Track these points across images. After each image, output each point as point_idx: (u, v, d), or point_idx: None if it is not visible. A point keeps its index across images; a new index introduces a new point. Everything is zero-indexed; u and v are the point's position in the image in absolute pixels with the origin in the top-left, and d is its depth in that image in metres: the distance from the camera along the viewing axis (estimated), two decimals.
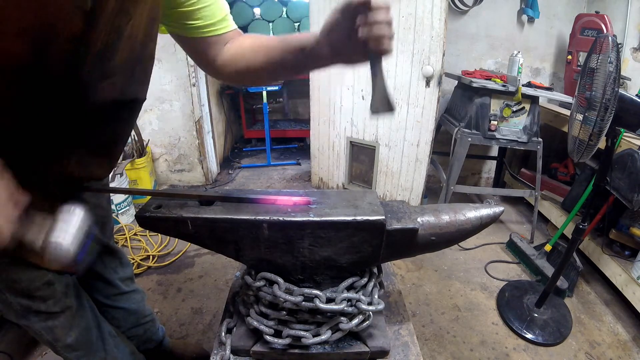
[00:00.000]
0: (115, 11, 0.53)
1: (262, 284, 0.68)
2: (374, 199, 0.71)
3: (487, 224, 0.76)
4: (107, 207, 1.02)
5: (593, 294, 1.92)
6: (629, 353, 1.57)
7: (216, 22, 0.73)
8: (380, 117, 0.68)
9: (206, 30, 0.73)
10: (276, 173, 3.48)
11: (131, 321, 1.15)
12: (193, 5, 0.69)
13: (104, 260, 1.03)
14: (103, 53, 0.56)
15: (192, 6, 0.69)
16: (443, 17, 2.01)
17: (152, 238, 2.23)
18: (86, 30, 0.51)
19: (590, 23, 2.46)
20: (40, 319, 0.79)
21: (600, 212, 1.88)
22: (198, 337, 1.57)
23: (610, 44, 1.22)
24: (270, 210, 0.65)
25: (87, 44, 0.53)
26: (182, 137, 2.85)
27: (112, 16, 0.54)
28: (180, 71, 2.60)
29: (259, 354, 0.73)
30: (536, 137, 2.16)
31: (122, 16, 0.55)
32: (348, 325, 0.69)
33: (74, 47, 0.52)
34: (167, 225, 0.66)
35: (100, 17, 0.52)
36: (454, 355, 1.53)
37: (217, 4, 0.72)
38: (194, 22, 0.71)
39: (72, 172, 0.68)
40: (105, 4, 0.51)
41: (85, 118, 0.63)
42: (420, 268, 2.08)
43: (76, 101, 0.60)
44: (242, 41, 0.77)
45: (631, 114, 1.26)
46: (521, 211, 2.80)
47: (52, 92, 0.55)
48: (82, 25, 0.50)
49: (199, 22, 0.71)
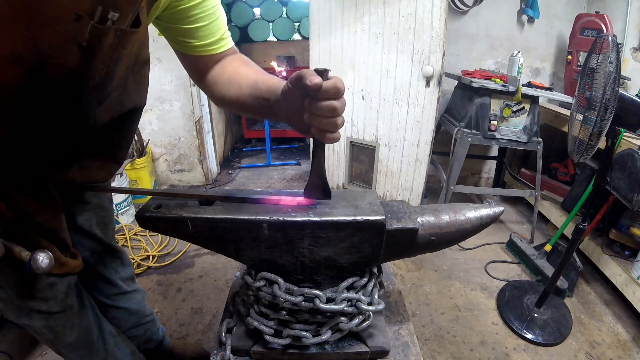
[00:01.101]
0: (114, 46, 0.52)
1: (262, 284, 0.68)
2: (374, 199, 0.71)
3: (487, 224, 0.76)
4: (109, 207, 1.02)
5: (593, 294, 1.92)
6: (629, 353, 1.57)
7: (213, 42, 0.71)
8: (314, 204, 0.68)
9: (201, 49, 0.71)
10: (276, 173, 3.48)
11: (132, 321, 1.15)
12: (192, 24, 0.67)
13: (105, 260, 1.03)
14: (101, 83, 0.56)
15: (190, 24, 0.67)
16: (443, 17, 2.01)
17: (152, 238, 2.23)
18: (84, 66, 0.51)
19: (590, 23, 2.46)
20: (41, 318, 0.79)
21: (600, 212, 1.88)
22: (198, 337, 1.57)
23: (610, 44, 1.22)
24: (270, 210, 0.65)
25: (85, 78, 0.53)
26: (182, 137, 2.85)
27: (111, 51, 0.52)
28: (180, 71, 2.60)
29: (259, 354, 0.73)
30: (536, 137, 2.16)
31: (120, 48, 0.54)
32: (348, 325, 0.69)
33: (71, 79, 0.51)
34: (167, 225, 0.66)
35: (97, 54, 0.51)
36: (454, 355, 1.53)
37: (217, 22, 0.71)
38: (191, 40, 0.70)
39: (73, 178, 0.68)
40: (103, 41, 0.50)
41: (85, 131, 0.64)
42: (420, 268, 2.08)
43: (75, 119, 0.60)
44: (225, 68, 0.74)
45: (631, 114, 1.26)
46: (521, 211, 2.80)
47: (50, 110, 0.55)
48: (79, 61, 0.49)
49: (196, 42, 0.70)
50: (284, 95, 0.60)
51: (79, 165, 0.68)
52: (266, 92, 0.66)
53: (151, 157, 2.78)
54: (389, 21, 2.19)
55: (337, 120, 0.52)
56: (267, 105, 0.65)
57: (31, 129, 0.55)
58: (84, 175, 0.70)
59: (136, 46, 0.62)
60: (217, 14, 0.70)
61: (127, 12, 0.50)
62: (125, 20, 0.51)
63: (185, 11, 0.66)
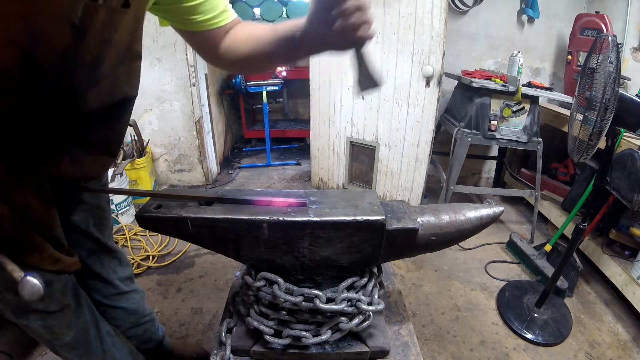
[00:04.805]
0: (105, 24, 0.53)
1: (262, 284, 0.68)
2: (374, 199, 0.71)
3: (487, 224, 0.76)
4: (106, 207, 1.02)
5: (593, 294, 1.91)
6: (629, 353, 1.57)
7: (217, 15, 0.74)
8: (368, 93, 0.73)
9: (207, 23, 0.74)
10: (276, 173, 3.48)
11: (131, 321, 1.14)
12: (194, 1, 0.69)
13: (102, 260, 1.03)
14: (92, 64, 0.57)
15: (193, 1, 0.69)
16: (443, 17, 2.01)
17: (152, 238, 2.23)
18: (75, 44, 0.51)
19: (590, 23, 2.46)
20: (38, 318, 0.79)
21: (600, 212, 1.88)
22: (198, 337, 1.57)
23: (610, 44, 1.22)
24: (270, 210, 0.65)
25: (76, 57, 0.54)
26: (182, 137, 2.85)
27: (102, 29, 0.53)
28: (180, 71, 2.60)
29: (259, 354, 0.73)
30: (536, 137, 2.16)
31: (111, 28, 0.55)
32: (348, 325, 0.69)
33: (64, 59, 0.52)
34: (167, 225, 0.66)
35: (89, 31, 0.52)
36: (454, 355, 1.53)
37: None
38: (195, 16, 0.72)
39: (66, 171, 0.68)
40: (95, 18, 0.51)
41: (76, 119, 0.64)
42: (420, 268, 2.08)
43: (66, 105, 0.60)
44: (238, 32, 0.78)
45: (631, 114, 1.25)
46: (521, 211, 2.80)
47: (42, 97, 0.55)
48: (72, 39, 0.50)
49: (200, 17, 0.72)
50: (310, 20, 0.63)
51: (71, 158, 0.67)
52: (288, 30, 0.68)
53: (151, 157, 2.78)
54: (389, 21, 2.19)
55: (366, 15, 0.57)
56: (293, 42, 0.68)
57: (24, 117, 0.56)
58: (77, 169, 0.70)
59: (127, 35, 0.62)
60: None
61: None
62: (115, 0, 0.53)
63: None
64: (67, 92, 0.59)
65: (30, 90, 0.53)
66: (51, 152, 0.64)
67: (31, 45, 0.47)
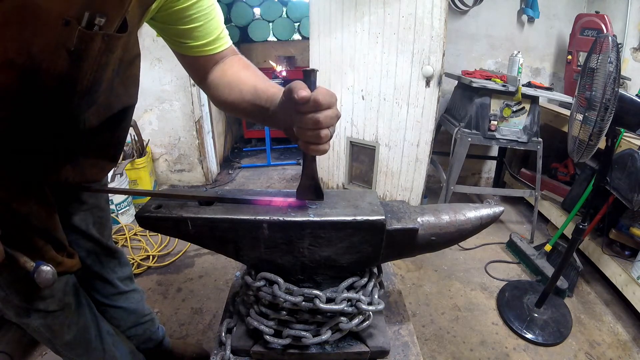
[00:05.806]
0: (102, 50, 0.52)
1: (262, 284, 0.68)
2: (374, 199, 0.71)
3: (487, 224, 0.76)
4: (106, 207, 1.02)
5: (593, 294, 1.92)
6: (629, 353, 1.57)
7: (209, 42, 0.71)
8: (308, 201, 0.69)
9: (198, 50, 0.71)
10: (276, 173, 3.48)
11: (130, 321, 1.15)
12: (188, 24, 0.67)
13: (102, 260, 1.03)
14: (89, 87, 0.56)
15: (186, 25, 0.67)
16: (443, 17, 2.01)
17: (152, 238, 2.23)
18: (71, 71, 0.51)
19: (590, 23, 2.46)
20: (39, 317, 0.80)
21: (600, 212, 1.88)
22: (198, 337, 1.57)
23: (610, 44, 1.22)
24: (270, 210, 0.65)
25: (74, 83, 0.53)
26: (182, 137, 2.85)
27: (98, 56, 0.53)
28: (180, 71, 2.60)
29: (259, 354, 0.73)
30: (536, 137, 2.16)
31: (108, 53, 0.54)
32: (348, 325, 0.69)
33: (62, 84, 0.52)
34: (167, 225, 0.66)
35: (85, 59, 0.51)
36: (454, 355, 1.53)
37: (213, 21, 0.71)
38: (188, 41, 0.70)
39: (67, 177, 0.68)
40: (91, 46, 0.50)
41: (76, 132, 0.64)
42: (420, 268, 2.08)
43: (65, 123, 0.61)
44: (226, 70, 0.74)
45: (631, 114, 1.26)
46: (521, 211, 2.80)
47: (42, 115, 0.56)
48: (68, 65, 0.50)
49: (192, 42, 0.70)
50: (280, 106, 0.60)
51: (72, 164, 0.68)
52: (265, 101, 0.66)
53: (151, 157, 2.78)
54: (389, 21, 2.19)
55: (321, 132, 0.52)
56: (267, 114, 0.66)
57: (25, 131, 0.56)
58: (78, 174, 0.70)
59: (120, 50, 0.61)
60: (212, 14, 0.70)
61: (114, 18, 0.51)
62: (112, 26, 0.51)
63: (180, 12, 0.66)
64: (66, 115, 0.59)
65: (31, 105, 0.53)
66: (52, 160, 0.64)
67: (30, 67, 0.48)
